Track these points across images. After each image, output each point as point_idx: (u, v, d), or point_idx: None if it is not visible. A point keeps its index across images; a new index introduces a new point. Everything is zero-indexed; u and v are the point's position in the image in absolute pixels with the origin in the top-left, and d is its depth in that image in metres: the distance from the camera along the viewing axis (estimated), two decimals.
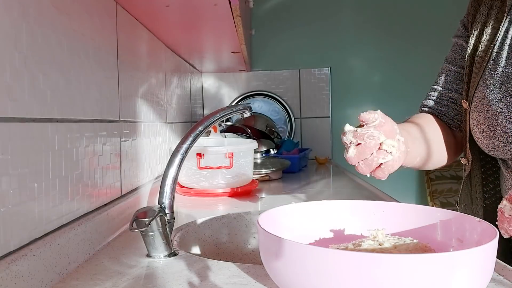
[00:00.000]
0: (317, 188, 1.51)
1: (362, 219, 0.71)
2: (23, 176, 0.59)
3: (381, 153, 0.68)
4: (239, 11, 1.11)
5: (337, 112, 2.50)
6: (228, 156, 1.33)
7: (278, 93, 2.46)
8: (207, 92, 2.46)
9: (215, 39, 1.47)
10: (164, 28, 1.26)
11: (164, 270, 0.69)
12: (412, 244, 0.61)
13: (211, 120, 0.83)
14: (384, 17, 2.50)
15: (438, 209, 0.68)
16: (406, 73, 2.48)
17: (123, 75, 1.01)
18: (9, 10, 0.56)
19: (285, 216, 0.70)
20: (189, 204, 1.25)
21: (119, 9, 0.99)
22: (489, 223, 0.57)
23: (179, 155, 0.79)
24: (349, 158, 0.68)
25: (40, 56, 0.64)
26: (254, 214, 1.08)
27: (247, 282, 0.62)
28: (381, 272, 0.46)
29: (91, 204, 0.81)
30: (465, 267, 0.47)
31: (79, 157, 0.76)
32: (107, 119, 0.90)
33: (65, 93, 0.71)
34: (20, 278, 0.55)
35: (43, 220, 0.64)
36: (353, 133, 0.68)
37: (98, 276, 0.66)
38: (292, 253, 0.51)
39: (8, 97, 0.56)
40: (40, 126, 0.63)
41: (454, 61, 1.02)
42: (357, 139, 0.67)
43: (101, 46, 0.88)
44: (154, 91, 1.31)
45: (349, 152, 0.68)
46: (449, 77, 1.02)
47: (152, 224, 0.71)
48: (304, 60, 2.47)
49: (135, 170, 1.09)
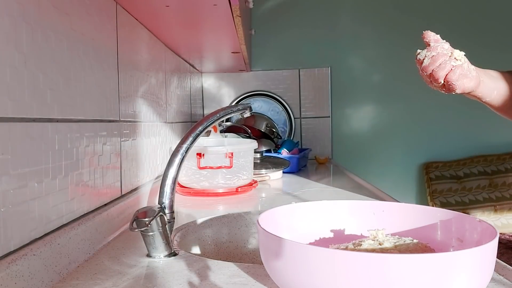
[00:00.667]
0: (317, 188, 1.51)
1: (362, 219, 0.72)
2: (23, 176, 0.59)
3: (451, 59, 0.80)
4: (239, 11, 1.11)
5: (337, 112, 2.50)
6: (228, 156, 1.33)
7: (278, 93, 2.46)
8: (207, 92, 2.46)
9: (215, 39, 1.47)
10: (164, 28, 1.26)
11: (164, 270, 0.69)
12: (412, 244, 0.61)
13: (211, 120, 0.83)
14: (384, 17, 2.50)
15: (438, 209, 0.68)
16: (406, 73, 2.48)
17: (123, 75, 1.01)
18: (9, 10, 0.56)
19: (285, 216, 0.70)
20: (189, 204, 1.25)
21: (119, 9, 0.99)
22: (489, 223, 0.57)
23: (179, 155, 0.79)
24: (425, 66, 0.80)
25: (40, 56, 0.64)
26: (254, 214, 1.08)
27: (247, 282, 0.62)
28: (381, 272, 0.46)
29: (91, 204, 0.81)
30: (465, 267, 0.47)
31: (79, 157, 0.76)
32: (107, 119, 0.90)
33: (65, 93, 0.71)
34: (20, 278, 0.55)
35: (43, 220, 0.64)
36: (427, 48, 0.81)
37: (98, 276, 0.66)
38: (292, 253, 0.51)
39: (8, 97, 0.56)
40: (40, 126, 0.63)
41: None
42: (431, 52, 0.80)
43: (101, 46, 0.88)
44: (154, 91, 1.31)
45: (424, 62, 0.81)
46: None
47: (152, 224, 0.71)
48: (304, 60, 2.47)
49: (135, 170, 1.09)
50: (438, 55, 0.80)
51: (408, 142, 2.53)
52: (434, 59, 0.80)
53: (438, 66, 0.80)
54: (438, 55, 0.80)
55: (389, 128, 2.52)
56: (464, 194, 2.45)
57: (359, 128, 2.55)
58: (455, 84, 0.81)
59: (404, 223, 0.69)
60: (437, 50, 0.80)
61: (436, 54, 0.80)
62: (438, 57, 0.80)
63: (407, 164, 2.56)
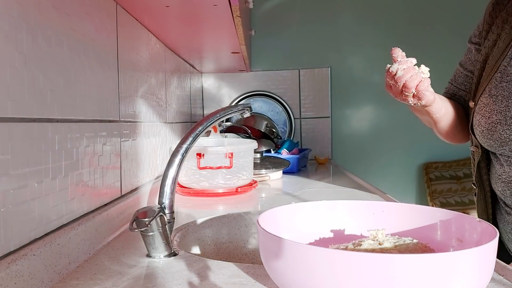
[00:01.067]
0: (317, 188, 1.51)
1: (362, 219, 0.72)
2: (23, 176, 0.59)
3: (420, 72, 0.90)
4: (239, 12, 1.11)
5: (337, 112, 2.50)
6: (228, 156, 1.33)
7: (278, 93, 2.46)
8: (207, 92, 2.46)
9: (215, 39, 1.47)
10: (164, 28, 1.26)
11: (164, 270, 0.69)
12: (412, 244, 0.61)
13: (211, 120, 0.83)
14: (384, 17, 2.50)
15: (438, 209, 0.68)
16: None
17: (123, 75, 1.01)
18: (9, 10, 0.56)
19: (285, 216, 0.70)
20: (189, 204, 1.25)
21: (119, 9, 0.99)
22: (489, 223, 0.57)
23: (179, 155, 0.79)
24: (399, 77, 0.89)
25: (40, 56, 0.64)
26: (254, 214, 1.08)
27: (247, 282, 0.62)
28: (381, 272, 0.46)
29: (91, 204, 0.81)
30: (465, 267, 0.47)
31: (79, 157, 0.76)
32: (107, 119, 0.90)
33: (65, 93, 0.71)
34: (20, 278, 0.55)
35: (43, 220, 0.64)
36: (398, 62, 0.90)
37: (98, 276, 0.66)
38: (292, 253, 0.51)
39: (8, 97, 0.56)
40: (40, 126, 0.63)
41: (464, 65, 1.15)
42: (403, 65, 0.89)
43: (101, 46, 0.88)
44: (154, 91, 1.31)
45: (398, 73, 0.89)
46: (459, 78, 1.16)
47: (152, 224, 0.71)
48: (304, 60, 2.47)
49: (135, 170, 1.09)
50: (409, 68, 0.89)
51: (408, 143, 2.53)
52: (406, 71, 0.89)
53: (410, 77, 0.89)
54: (409, 68, 0.89)
55: (389, 129, 2.52)
56: (464, 194, 2.45)
57: (359, 129, 2.55)
58: (424, 94, 0.90)
59: (404, 223, 0.69)
60: (407, 64, 0.89)
61: (407, 67, 0.89)
62: (409, 69, 0.89)
63: (407, 164, 2.56)
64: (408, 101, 0.94)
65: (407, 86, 0.89)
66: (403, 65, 0.89)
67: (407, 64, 0.89)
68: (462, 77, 1.15)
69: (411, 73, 0.89)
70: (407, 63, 0.89)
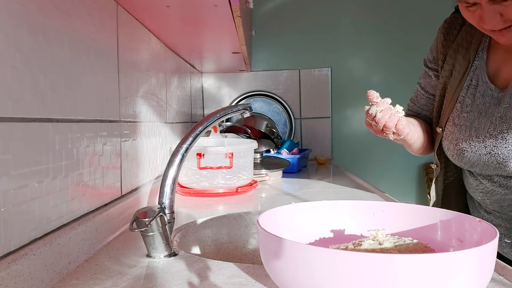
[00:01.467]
0: (317, 188, 1.51)
1: (362, 219, 0.72)
2: (24, 176, 0.59)
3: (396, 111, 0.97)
4: (239, 12, 1.11)
5: (337, 113, 2.50)
6: (228, 156, 1.33)
7: (278, 93, 2.46)
8: (207, 92, 2.46)
9: (215, 39, 1.48)
10: (164, 28, 1.26)
11: (164, 270, 0.69)
12: (412, 244, 0.61)
13: (211, 120, 0.83)
14: (384, 17, 2.50)
15: (438, 209, 0.68)
16: (406, 74, 2.47)
17: (123, 75, 1.01)
18: (9, 10, 0.56)
19: (285, 216, 0.70)
20: (189, 204, 1.25)
21: (119, 10, 0.99)
22: (489, 223, 0.57)
23: (179, 155, 0.79)
24: (379, 119, 0.95)
25: (41, 56, 0.64)
26: (254, 214, 1.08)
27: (247, 282, 0.62)
28: (381, 272, 0.46)
29: (91, 204, 0.81)
30: (465, 267, 0.47)
31: (79, 157, 0.76)
32: (107, 119, 0.90)
33: (66, 93, 0.71)
34: (20, 277, 0.55)
35: (43, 220, 0.64)
36: (376, 104, 0.96)
37: (98, 276, 0.66)
38: (292, 253, 0.51)
39: (8, 97, 0.56)
40: (40, 126, 0.63)
41: (425, 88, 1.21)
42: (380, 107, 0.96)
43: (102, 46, 0.88)
44: (154, 91, 1.31)
45: (377, 116, 0.96)
46: (422, 100, 1.22)
47: (152, 224, 0.71)
48: (304, 60, 2.47)
49: (135, 170, 1.09)
50: (387, 110, 0.96)
51: None
52: (384, 112, 0.96)
53: (389, 118, 0.96)
54: (386, 109, 0.96)
55: None
56: None
57: (359, 129, 2.55)
58: (403, 131, 0.98)
59: (404, 223, 0.69)
60: (384, 105, 0.96)
61: (384, 109, 0.96)
62: (387, 111, 0.96)
63: (407, 164, 2.56)
64: (388, 137, 1.01)
65: (387, 126, 0.96)
66: (380, 106, 0.96)
67: (384, 105, 0.96)
68: (424, 99, 1.21)
69: (388, 113, 0.96)
70: (384, 105, 0.96)
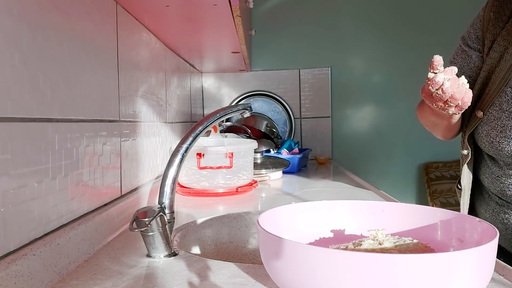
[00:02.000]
0: (317, 188, 1.51)
1: (362, 219, 0.71)
2: (23, 176, 0.59)
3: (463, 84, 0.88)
4: (239, 11, 1.11)
5: (337, 112, 2.50)
6: (228, 156, 1.33)
7: (278, 93, 2.46)
8: (207, 92, 2.46)
9: (215, 39, 1.47)
10: (164, 28, 1.26)
11: (164, 270, 0.69)
12: (412, 244, 0.61)
13: (211, 120, 0.83)
14: (384, 17, 2.50)
15: (438, 209, 0.68)
16: (406, 73, 2.48)
17: (123, 75, 1.01)
18: (9, 10, 0.56)
19: (285, 216, 0.70)
20: (189, 204, 1.25)
21: (119, 9, 0.99)
22: (489, 223, 0.57)
23: (179, 155, 0.79)
24: (447, 88, 0.86)
25: (40, 56, 0.64)
26: (254, 214, 1.08)
27: (247, 282, 0.62)
28: (381, 272, 0.46)
29: (91, 204, 0.81)
30: (465, 267, 0.47)
31: (79, 157, 0.76)
32: (107, 119, 0.90)
33: (65, 93, 0.71)
34: (20, 278, 0.55)
35: (43, 220, 0.64)
36: (443, 72, 0.86)
37: (98, 276, 0.66)
38: (292, 253, 0.51)
39: (8, 96, 0.56)
40: (40, 126, 0.63)
41: (462, 69, 1.10)
42: (448, 75, 0.86)
43: (101, 46, 0.88)
44: (154, 91, 1.31)
45: (446, 84, 0.86)
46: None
47: (152, 224, 0.71)
48: (304, 60, 2.47)
49: (135, 170, 1.09)
50: (454, 79, 0.87)
51: (408, 143, 2.53)
52: (453, 82, 0.86)
53: (457, 89, 0.87)
54: (454, 79, 0.87)
55: (389, 129, 2.52)
56: None
57: (360, 129, 2.55)
58: (468, 105, 0.90)
59: (404, 223, 0.69)
60: (452, 74, 0.86)
61: (453, 78, 0.86)
62: (454, 80, 0.87)
63: (407, 164, 2.56)
64: (448, 110, 0.92)
65: (454, 97, 0.88)
66: (448, 75, 0.86)
67: (452, 74, 0.86)
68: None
69: (456, 83, 0.87)
70: (452, 73, 0.86)
